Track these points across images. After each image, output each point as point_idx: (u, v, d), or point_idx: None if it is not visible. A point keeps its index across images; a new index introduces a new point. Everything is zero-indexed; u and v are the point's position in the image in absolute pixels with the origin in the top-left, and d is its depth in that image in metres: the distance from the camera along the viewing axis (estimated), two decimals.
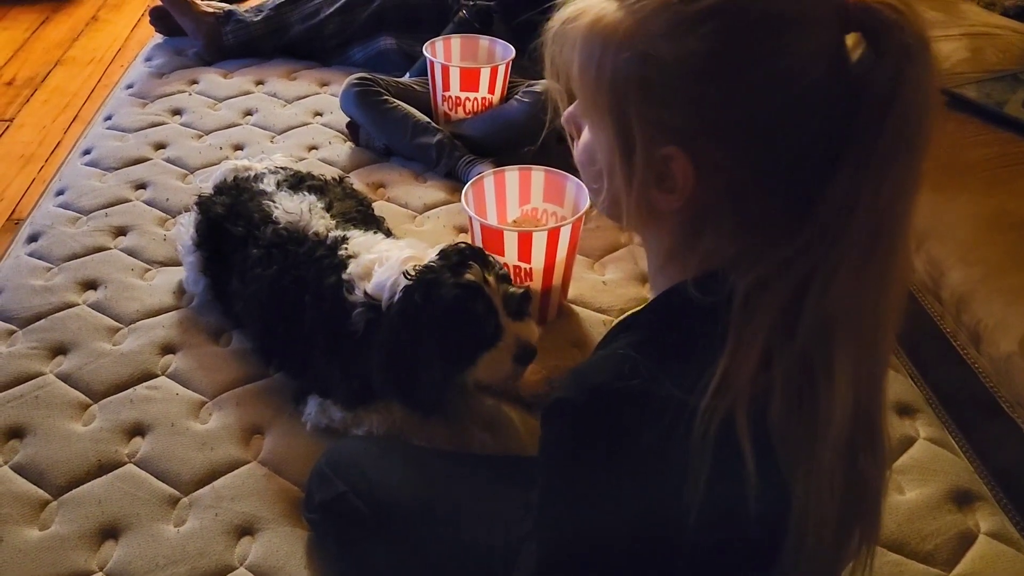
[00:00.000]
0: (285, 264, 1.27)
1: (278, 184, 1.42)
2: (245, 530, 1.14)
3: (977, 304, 1.33)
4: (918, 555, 1.13)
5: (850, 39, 0.60)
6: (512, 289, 1.13)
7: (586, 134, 0.72)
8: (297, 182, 1.43)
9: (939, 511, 1.18)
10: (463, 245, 1.16)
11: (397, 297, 1.11)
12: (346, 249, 1.23)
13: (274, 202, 1.35)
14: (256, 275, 1.30)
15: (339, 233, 1.28)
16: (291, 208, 1.33)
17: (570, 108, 0.75)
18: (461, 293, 1.08)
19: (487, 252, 1.17)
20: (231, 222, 1.37)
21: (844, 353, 0.61)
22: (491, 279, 1.10)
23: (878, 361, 0.66)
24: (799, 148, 0.61)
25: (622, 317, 0.77)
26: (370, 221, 1.41)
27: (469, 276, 1.09)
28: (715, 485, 0.59)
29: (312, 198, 1.36)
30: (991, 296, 1.32)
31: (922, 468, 1.24)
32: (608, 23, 0.63)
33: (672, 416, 0.60)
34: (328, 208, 1.35)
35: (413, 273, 1.11)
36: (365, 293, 1.15)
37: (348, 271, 1.19)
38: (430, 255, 1.15)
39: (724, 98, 0.60)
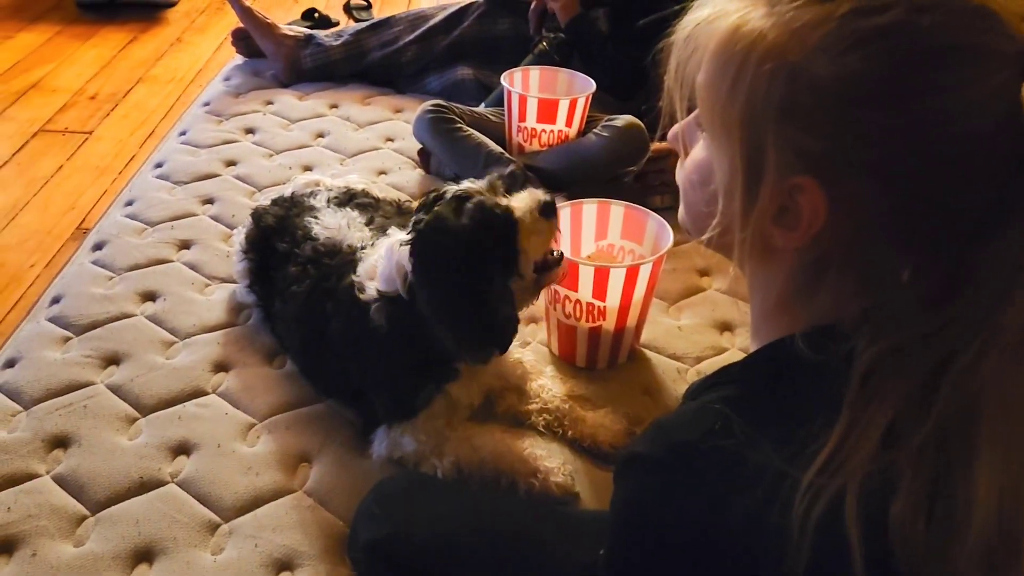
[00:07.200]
0: (317, 278, 1.23)
1: (328, 201, 1.38)
2: (284, 564, 1.07)
3: None
4: None
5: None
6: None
7: (699, 151, 0.65)
8: (348, 199, 1.39)
9: None
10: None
11: (409, 258, 1.07)
12: (364, 253, 1.20)
13: (316, 219, 1.31)
14: (292, 293, 1.25)
15: (370, 242, 1.24)
16: (330, 223, 1.29)
17: (683, 121, 0.67)
18: (462, 205, 1.07)
19: None
20: (278, 237, 1.34)
21: (991, 447, 0.50)
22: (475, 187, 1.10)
23: None
24: (956, 199, 0.52)
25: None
26: None
27: (461, 192, 1.09)
28: (815, 574, 0.49)
29: (354, 213, 1.32)
30: None
31: None
32: (752, 30, 0.56)
33: (769, 486, 0.51)
34: (369, 223, 1.30)
35: (408, 236, 1.08)
36: (378, 291, 1.12)
37: (357, 272, 1.17)
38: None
39: (881, 129, 0.52)
